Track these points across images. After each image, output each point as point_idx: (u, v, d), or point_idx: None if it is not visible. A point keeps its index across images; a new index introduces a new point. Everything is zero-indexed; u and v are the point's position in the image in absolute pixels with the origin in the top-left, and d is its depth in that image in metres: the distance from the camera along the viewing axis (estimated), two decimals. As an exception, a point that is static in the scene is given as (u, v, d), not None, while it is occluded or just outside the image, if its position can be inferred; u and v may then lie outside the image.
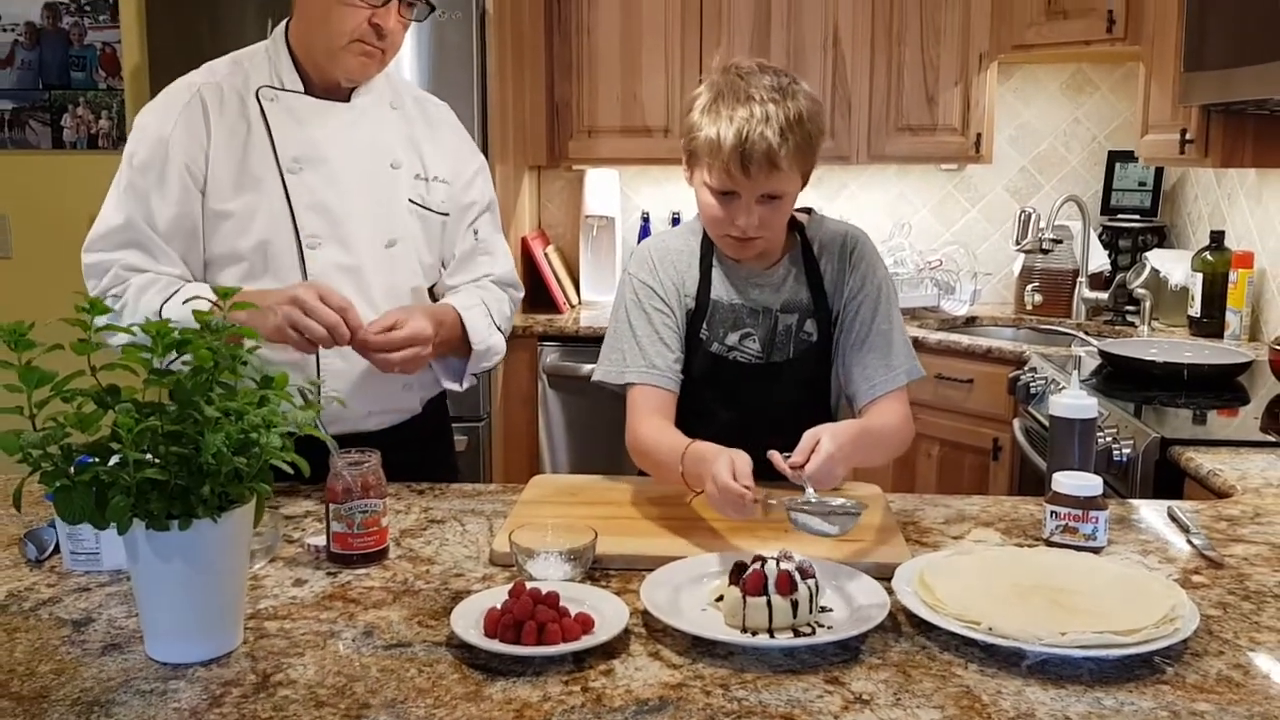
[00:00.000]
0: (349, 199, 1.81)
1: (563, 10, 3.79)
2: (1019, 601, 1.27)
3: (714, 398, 1.78)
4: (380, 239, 1.85)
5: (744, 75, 1.64)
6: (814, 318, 1.78)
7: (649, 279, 1.77)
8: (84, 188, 3.67)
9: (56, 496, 1.14)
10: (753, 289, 1.78)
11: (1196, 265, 3.26)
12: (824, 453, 1.44)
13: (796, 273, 1.78)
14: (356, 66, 1.79)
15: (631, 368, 1.73)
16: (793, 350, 1.78)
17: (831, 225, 1.84)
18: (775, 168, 1.60)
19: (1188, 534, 1.57)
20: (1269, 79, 2.28)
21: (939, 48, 3.70)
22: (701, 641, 1.22)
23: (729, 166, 1.60)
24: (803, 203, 1.79)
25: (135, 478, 1.11)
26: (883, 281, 1.79)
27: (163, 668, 1.17)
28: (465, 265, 1.97)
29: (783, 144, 1.58)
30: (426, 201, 1.90)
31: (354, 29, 1.73)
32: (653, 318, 1.75)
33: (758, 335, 1.77)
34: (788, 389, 1.78)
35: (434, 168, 1.91)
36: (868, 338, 1.75)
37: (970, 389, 3.30)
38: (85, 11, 3.65)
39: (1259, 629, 1.27)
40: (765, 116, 1.58)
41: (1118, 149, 3.93)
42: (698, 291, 1.77)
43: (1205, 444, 2.08)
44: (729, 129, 1.59)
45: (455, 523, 1.64)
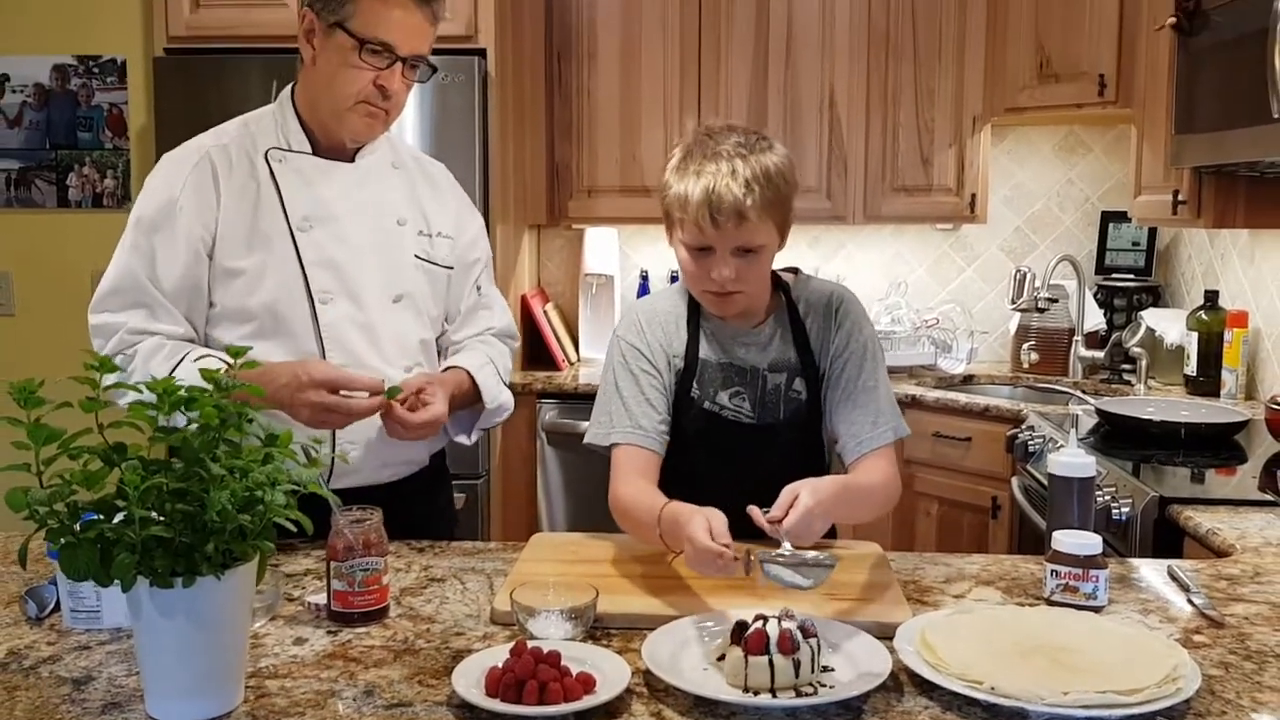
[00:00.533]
0: (358, 255, 1.86)
1: (563, 73, 3.85)
2: (1021, 661, 1.27)
3: (709, 458, 1.80)
4: (389, 294, 1.89)
5: (712, 134, 1.70)
6: (802, 376, 1.80)
7: (636, 340, 1.80)
8: (87, 246, 3.72)
9: (61, 553, 1.14)
10: (739, 348, 1.80)
11: (1191, 324, 3.28)
12: (802, 507, 1.45)
13: (782, 332, 1.81)
14: (362, 127, 1.83)
15: (617, 429, 1.75)
16: (783, 410, 1.80)
17: (817, 284, 1.87)
18: (744, 219, 1.64)
19: (1188, 593, 1.57)
20: (1259, 141, 2.31)
21: (933, 110, 3.76)
22: (704, 701, 1.22)
23: (698, 221, 1.65)
24: (800, 263, 1.81)
25: (140, 535, 1.12)
26: (868, 340, 1.81)
27: (163, 727, 1.17)
28: (469, 320, 2.04)
29: (748, 194, 1.63)
30: (432, 256, 1.94)
31: (360, 90, 1.78)
32: (639, 379, 1.77)
33: (747, 395, 1.79)
34: (784, 450, 1.80)
35: (437, 224, 1.96)
36: (854, 395, 1.77)
37: (968, 447, 3.31)
38: (93, 74, 3.70)
39: (1261, 689, 1.27)
40: (731, 171, 1.63)
41: (1111, 209, 3.97)
42: (686, 351, 1.80)
43: (1204, 503, 2.08)
44: (696, 185, 1.64)
45: (456, 581, 1.64)
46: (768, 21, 3.77)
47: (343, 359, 1.83)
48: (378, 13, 1.75)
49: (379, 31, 1.76)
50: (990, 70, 3.70)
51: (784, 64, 3.78)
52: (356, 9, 1.75)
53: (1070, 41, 3.43)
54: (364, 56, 1.76)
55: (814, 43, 3.77)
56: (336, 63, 1.78)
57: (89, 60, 3.71)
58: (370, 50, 1.76)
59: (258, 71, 3.27)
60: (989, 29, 3.69)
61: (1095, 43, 3.35)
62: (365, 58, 1.76)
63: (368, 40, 1.76)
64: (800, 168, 3.77)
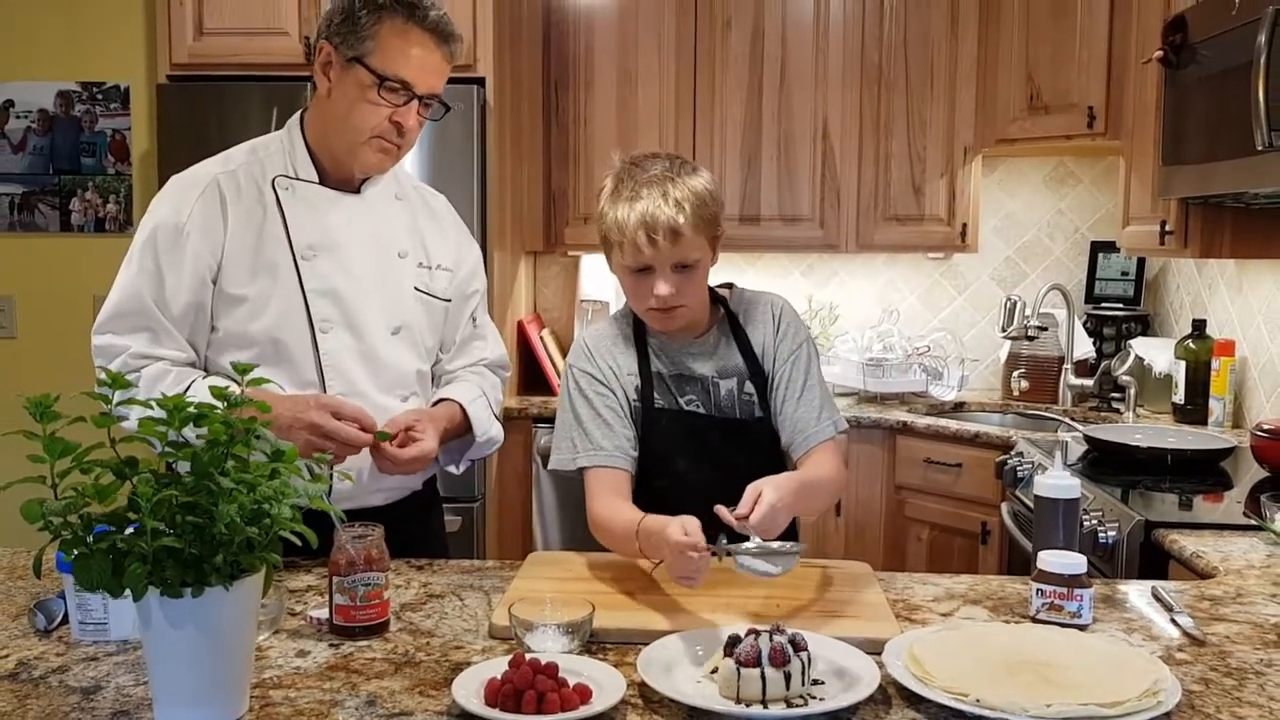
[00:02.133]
0: (359, 285, 1.88)
1: (560, 102, 3.91)
2: (1006, 675, 1.30)
3: (692, 460, 1.86)
4: (388, 324, 1.91)
5: (639, 163, 1.80)
6: (750, 380, 1.89)
7: (587, 366, 1.87)
8: (89, 270, 3.76)
9: (75, 564, 1.17)
10: (687, 359, 1.89)
11: (1179, 353, 3.33)
12: (766, 503, 1.53)
13: (726, 340, 1.91)
14: (375, 161, 1.86)
15: (582, 453, 1.83)
16: (739, 412, 1.88)
17: (752, 295, 1.97)
18: (679, 236, 1.74)
19: (1171, 613, 1.60)
20: (1244, 173, 2.36)
21: (925, 140, 3.82)
22: (697, 712, 1.25)
23: (636, 241, 1.74)
24: (793, 290, 1.87)
25: (152, 546, 1.15)
26: (806, 342, 1.93)
27: (170, 735, 1.20)
28: (464, 350, 2.08)
29: (680, 213, 1.73)
30: (430, 288, 1.97)
31: (375, 125, 1.81)
32: (594, 402, 1.84)
33: (702, 402, 1.88)
34: (752, 445, 1.88)
35: (436, 256, 1.99)
36: (800, 394, 1.87)
37: (959, 473, 3.35)
38: (97, 100, 3.76)
39: (1240, 704, 1.30)
40: (663, 194, 1.74)
41: (1100, 239, 4.03)
42: (639, 368, 1.88)
43: (1189, 527, 2.12)
44: (631, 210, 1.74)
45: (454, 597, 1.67)
46: (762, 52, 3.84)
47: (341, 388, 1.85)
48: (398, 50, 1.78)
49: (398, 69, 1.79)
50: (981, 102, 3.76)
51: (778, 94, 3.85)
52: (377, 46, 1.78)
53: (1060, 74, 3.50)
54: (382, 93, 1.79)
55: (807, 73, 3.83)
56: (353, 97, 1.80)
57: (93, 87, 3.76)
58: (388, 87, 1.79)
59: (258, 99, 3.32)
60: (980, 61, 3.76)
61: (1085, 75, 3.41)
62: (383, 94, 1.79)
63: (387, 77, 1.78)
64: (794, 197, 3.86)
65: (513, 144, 3.63)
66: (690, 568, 1.49)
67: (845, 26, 3.81)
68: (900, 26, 3.80)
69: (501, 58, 3.45)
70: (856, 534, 3.53)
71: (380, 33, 1.78)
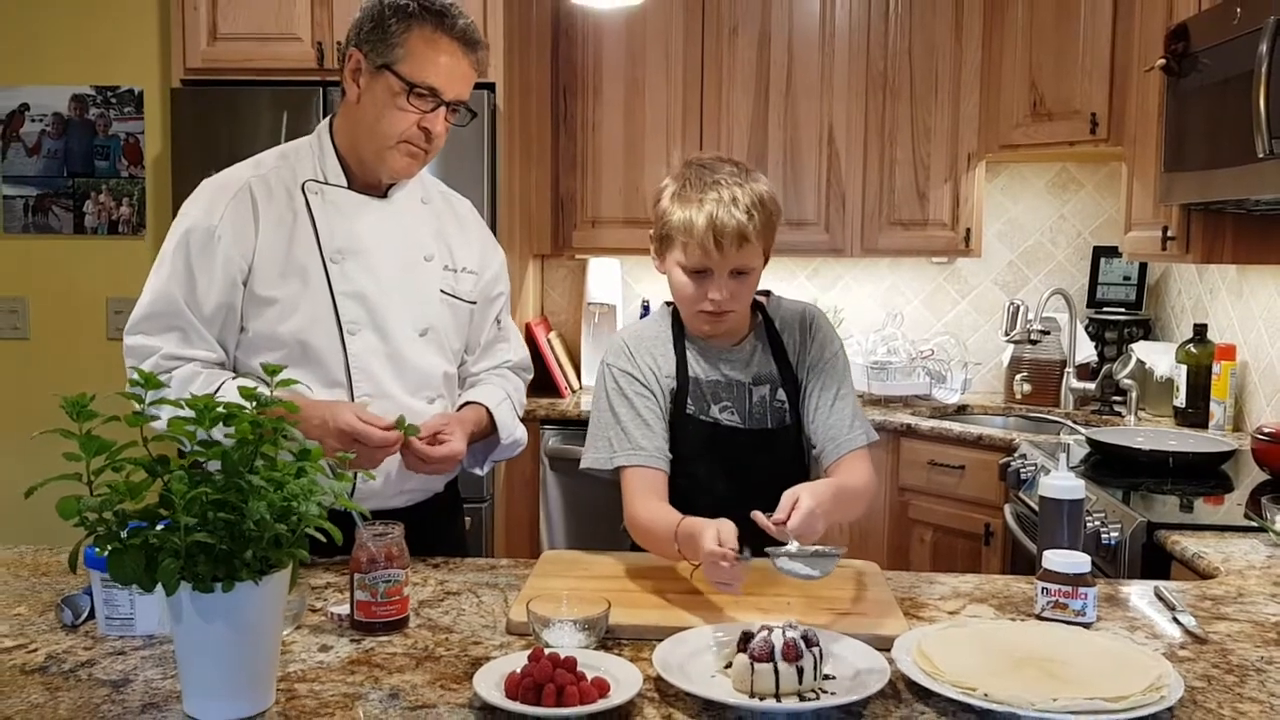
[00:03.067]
0: (387, 288, 1.91)
1: (569, 108, 3.95)
2: (1013, 670, 1.33)
3: (712, 468, 1.88)
4: (415, 327, 1.95)
5: (707, 165, 1.82)
6: (783, 387, 1.91)
7: (628, 366, 1.88)
8: (102, 272, 3.80)
9: (109, 559, 1.21)
10: (724, 365, 1.91)
11: (1181, 357, 3.37)
12: (804, 508, 1.55)
13: (762, 347, 1.93)
14: (403, 166, 1.90)
15: (620, 453, 1.84)
16: (770, 419, 1.90)
17: (789, 304, 2.00)
18: (745, 241, 1.76)
19: (1174, 612, 1.63)
20: (1245, 180, 2.40)
21: (929, 146, 3.86)
22: (712, 705, 1.28)
23: (704, 244, 1.76)
24: (800, 293, 1.91)
25: (185, 541, 1.19)
26: (839, 352, 1.95)
27: (200, 725, 1.23)
28: (488, 352, 2.12)
29: (750, 221, 1.76)
30: (456, 291, 2.01)
31: (404, 131, 1.85)
32: (635, 402, 1.86)
33: (736, 408, 1.89)
34: (779, 454, 1.90)
35: (462, 259, 2.02)
36: (833, 403, 1.89)
37: (962, 475, 3.38)
38: (111, 104, 3.80)
39: (1241, 699, 1.33)
40: (733, 198, 1.76)
41: (1102, 244, 4.07)
42: (676, 371, 1.89)
43: (1191, 528, 2.15)
44: (700, 211, 1.76)
45: (471, 595, 1.71)
46: (768, 59, 3.87)
47: (369, 389, 1.89)
48: (426, 58, 1.82)
49: (426, 76, 1.82)
50: (985, 108, 3.80)
51: (784, 101, 3.89)
52: (406, 53, 1.82)
53: (1063, 81, 3.53)
54: (411, 100, 1.83)
55: (813, 80, 3.87)
56: (383, 103, 1.84)
57: (107, 91, 3.80)
58: (417, 94, 1.83)
59: (271, 103, 3.36)
60: (984, 68, 3.80)
61: (1087, 83, 3.45)
62: (412, 101, 1.83)
63: (416, 84, 1.82)
64: (799, 201, 3.89)
65: (521, 149, 3.66)
66: (725, 575, 1.52)
67: (851, 34, 3.85)
68: (905, 34, 3.84)
69: (511, 64, 3.49)
70: (861, 535, 3.56)
71: (410, 40, 1.82)
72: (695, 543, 1.56)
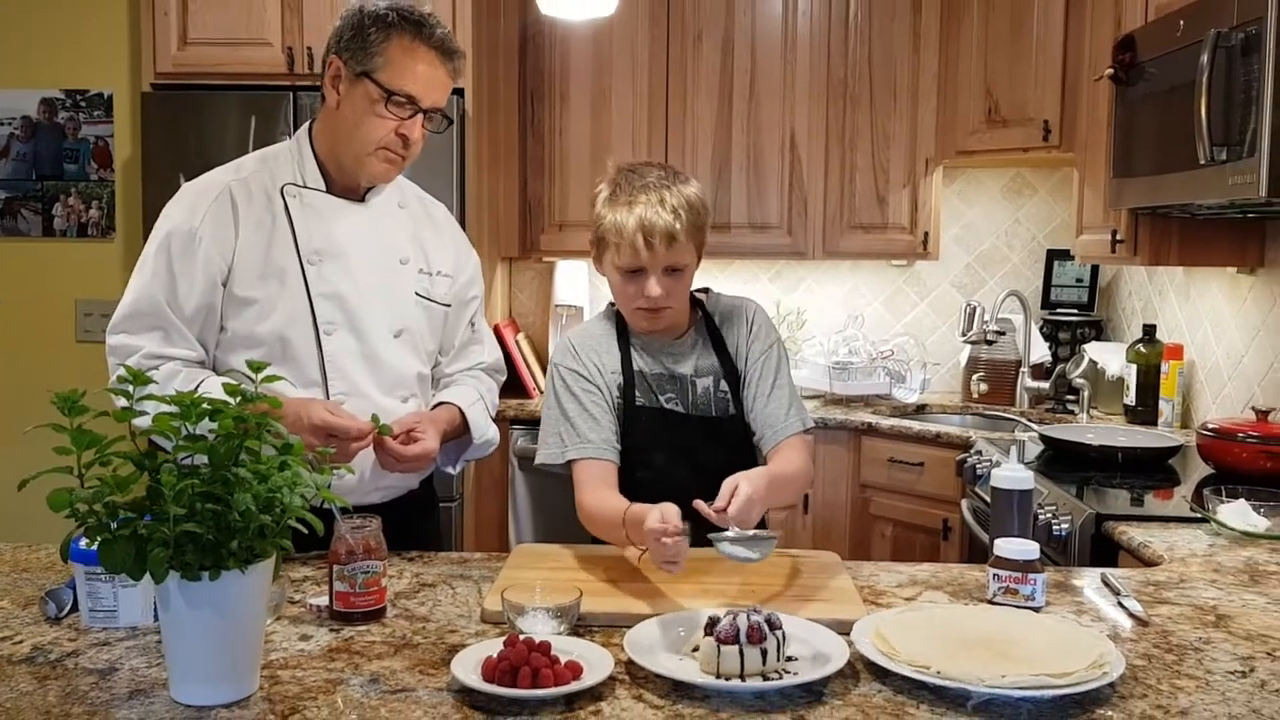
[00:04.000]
0: (363, 290, 1.96)
1: (536, 113, 4.01)
2: (965, 651, 1.41)
3: (669, 456, 1.96)
4: (390, 328, 2.00)
5: (635, 170, 1.92)
6: (726, 379, 2.00)
7: (573, 364, 1.97)
8: (71, 275, 3.81)
9: (100, 549, 1.25)
10: (666, 358, 1.99)
11: (1130, 357, 3.47)
12: (743, 495, 1.63)
13: (703, 341, 2.02)
14: (381, 171, 1.95)
15: (570, 447, 1.92)
16: (714, 409, 1.99)
17: (728, 299, 2.09)
18: (674, 240, 1.85)
19: (1119, 597, 1.71)
20: (1189, 185, 2.48)
21: (888, 152, 3.95)
22: (681, 686, 1.34)
23: (634, 244, 1.85)
24: (762, 295, 1.98)
25: (174, 531, 1.23)
26: (776, 343, 2.04)
27: (188, 710, 1.27)
28: (462, 354, 2.17)
29: (676, 220, 1.85)
30: (431, 294, 2.06)
31: (382, 138, 1.89)
32: (582, 398, 1.94)
33: (680, 399, 1.98)
34: (727, 441, 1.98)
35: (437, 263, 2.07)
36: (770, 392, 1.99)
37: (921, 472, 3.47)
38: (80, 107, 3.81)
39: (1179, 676, 1.41)
40: (660, 200, 1.86)
41: (1055, 247, 4.17)
42: (621, 367, 1.98)
43: (1137, 520, 2.23)
44: (630, 214, 1.85)
45: (446, 586, 1.76)
46: (732, 67, 3.95)
47: (343, 388, 1.93)
48: (405, 66, 1.87)
49: (405, 84, 1.87)
50: (942, 115, 3.90)
51: (747, 106, 3.96)
52: (385, 61, 1.86)
53: (1017, 90, 3.63)
54: (389, 107, 1.87)
55: (775, 87, 3.95)
56: (362, 110, 1.88)
57: (76, 94, 3.81)
58: (395, 102, 1.87)
59: (240, 108, 3.39)
60: (941, 76, 3.90)
61: (1040, 91, 3.55)
62: (390, 108, 1.87)
63: (394, 92, 1.87)
64: (763, 205, 3.97)
65: (490, 153, 3.72)
66: (668, 553, 1.58)
67: (812, 42, 3.93)
68: (865, 43, 3.93)
69: (480, 70, 3.54)
70: (824, 531, 3.64)
71: (389, 49, 1.86)
72: (640, 527, 1.64)
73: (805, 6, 3.93)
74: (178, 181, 3.27)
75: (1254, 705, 1.31)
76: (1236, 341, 3.11)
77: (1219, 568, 1.90)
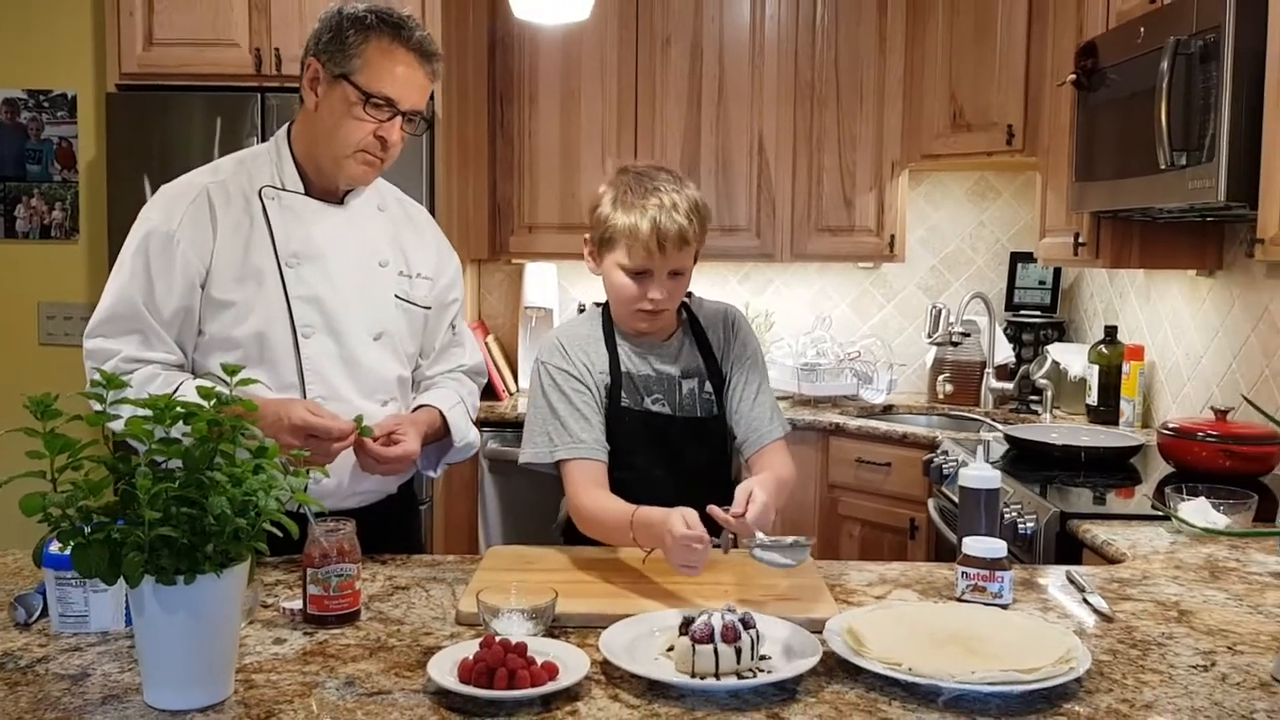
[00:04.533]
0: (341, 293, 1.95)
1: (505, 115, 4.01)
2: (935, 648, 1.43)
3: (650, 457, 1.97)
4: (370, 331, 1.99)
5: (644, 173, 1.93)
6: (710, 380, 2.02)
7: (562, 363, 1.97)
8: (33, 277, 3.76)
9: (74, 553, 1.24)
10: (654, 359, 2.01)
11: (1093, 358, 3.52)
12: (759, 501, 1.66)
13: (689, 343, 2.04)
14: (359, 174, 1.94)
15: (560, 446, 1.91)
16: (700, 409, 2.01)
17: (710, 303, 2.12)
18: (686, 243, 1.88)
19: (1084, 594, 1.74)
20: (1150, 189, 2.53)
21: (855, 155, 3.99)
22: (656, 685, 1.36)
23: (648, 246, 1.86)
24: (731, 297, 2.01)
25: (149, 535, 1.23)
26: (757, 349, 2.08)
27: (161, 714, 1.27)
28: (443, 357, 2.16)
29: (689, 225, 1.87)
30: (411, 296, 2.05)
31: (361, 140, 1.89)
32: (572, 398, 1.94)
33: (667, 400, 1.99)
34: (711, 442, 2.01)
35: (417, 265, 2.07)
36: (755, 397, 2.01)
37: (888, 472, 3.50)
38: (44, 108, 3.77)
39: (1143, 670, 1.44)
40: (673, 204, 1.87)
41: (1019, 250, 4.23)
42: (609, 367, 1.98)
43: (1101, 518, 2.27)
44: (644, 216, 1.86)
45: (420, 589, 1.76)
46: (700, 70, 3.97)
47: (322, 390, 1.93)
48: (383, 68, 1.86)
49: (383, 86, 1.86)
50: (907, 119, 3.94)
51: (715, 110, 3.99)
52: (363, 64, 1.86)
53: (981, 94, 3.68)
54: (368, 109, 1.87)
55: (744, 90, 3.98)
56: (340, 113, 1.87)
57: (40, 94, 3.77)
58: (374, 104, 1.87)
59: (206, 109, 3.37)
60: (906, 81, 3.94)
61: (1004, 96, 3.60)
62: (369, 110, 1.87)
63: (372, 94, 1.86)
64: (731, 208, 4.00)
65: (459, 155, 3.71)
66: (694, 558, 1.61)
67: (780, 46, 3.96)
68: (831, 47, 3.97)
69: (449, 72, 3.53)
70: (792, 531, 3.62)
71: (367, 51, 1.86)
72: (655, 530, 1.66)
73: (773, 11, 3.96)
74: (143, 183, 3.29)
75: (1215, 698, 1.34)
76: (1196, 342, 3.17)
77: (1180, 564, 1.94)
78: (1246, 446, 2.54)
